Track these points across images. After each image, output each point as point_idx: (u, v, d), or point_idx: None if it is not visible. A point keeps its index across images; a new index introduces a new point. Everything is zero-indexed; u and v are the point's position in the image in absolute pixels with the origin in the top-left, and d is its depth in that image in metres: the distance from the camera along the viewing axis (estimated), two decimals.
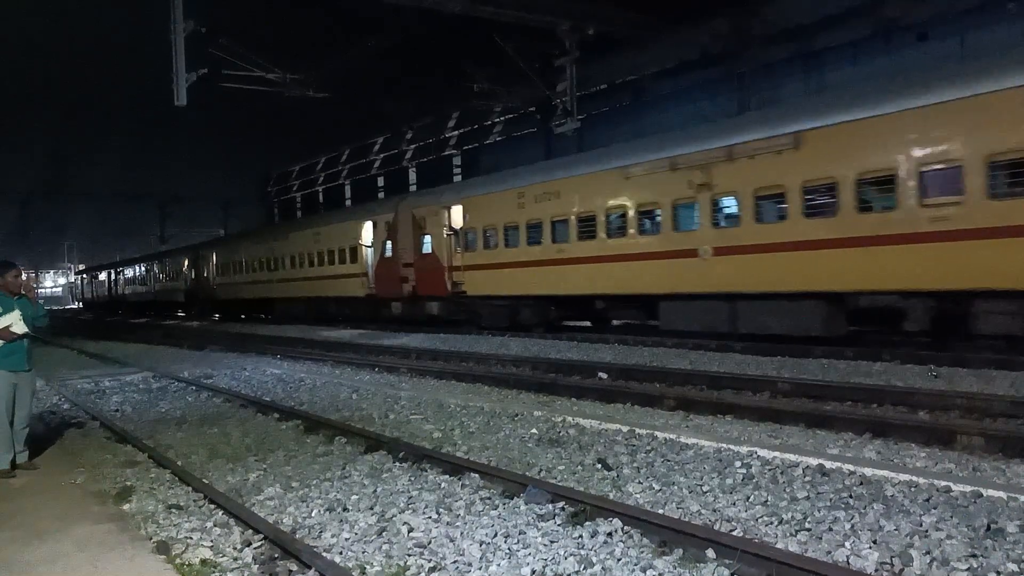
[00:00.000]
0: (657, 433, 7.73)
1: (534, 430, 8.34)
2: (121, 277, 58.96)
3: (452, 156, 38.70)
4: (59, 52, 28.89)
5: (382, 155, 43.98)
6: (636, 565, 4.48)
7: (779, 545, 4.68)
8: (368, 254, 26.72)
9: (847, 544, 4.62)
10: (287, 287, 32.93)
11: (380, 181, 44.82)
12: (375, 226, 26.13)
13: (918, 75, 13.78)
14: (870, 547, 4.54)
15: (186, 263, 44.71)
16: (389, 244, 25.11)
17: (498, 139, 35.70)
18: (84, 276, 75.22)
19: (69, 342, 25.68)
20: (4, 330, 7.21)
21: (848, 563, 4.38)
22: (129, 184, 51.65)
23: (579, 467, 6.78)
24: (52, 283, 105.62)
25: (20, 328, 7.33)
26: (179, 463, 7.47)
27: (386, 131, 41.34)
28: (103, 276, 65.25)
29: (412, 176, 41.79)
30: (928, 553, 4.39)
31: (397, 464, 7.16)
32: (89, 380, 14.51)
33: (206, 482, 6.69)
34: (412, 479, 6.59)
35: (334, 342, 20.93)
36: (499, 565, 4.58)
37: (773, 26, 23.08)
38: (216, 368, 15.90)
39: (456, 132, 37.83)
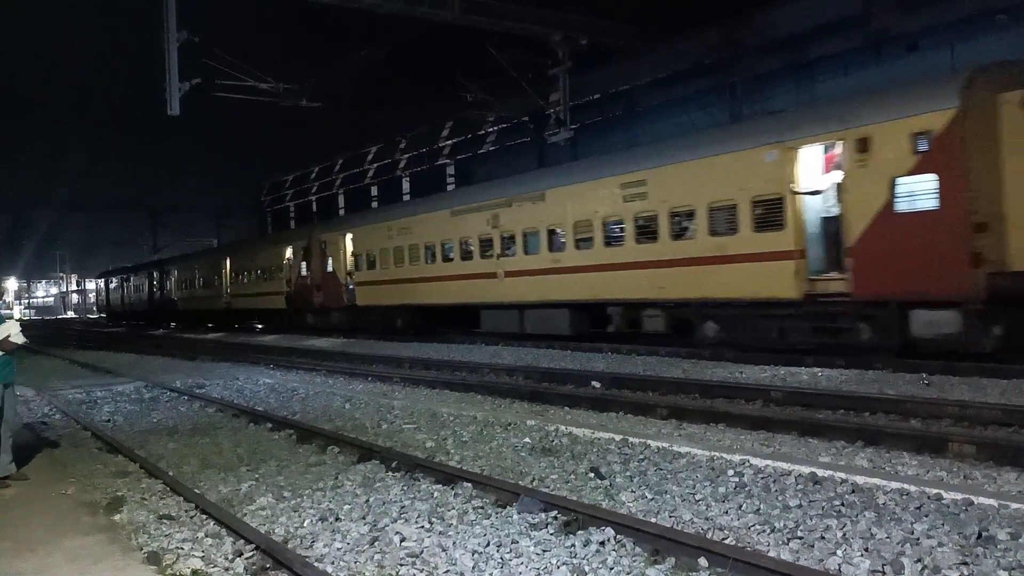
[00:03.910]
0: (650, 442, 7.73)
1: (527, 439, 8.34)
2: (170, 280, 46.07)
3: (446, 166, 38.77)
4: (52, 62, 28.89)
5: (376, 164, 44.03)
6: (629, 574, 4.49)
7: (771, 553, 4.69)
8: (810, 209, 13.60)
9: (839, 552, 4.63)
10: (522, 285, 19.45)
11: (374, 191, 44.87)
12: (865, 148, 12.35)
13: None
14: (862, 555, 4.56)
15: (289, 255, 31.46)
16: (934, 180, 11.66)
17: (492, 148, 35.79)
18: (110, 280, 60.97)
19: (61, 352, 25.58)
20: (5, 340, 7.16)
21: (840, 571, 4.39)
22: (121, 194, 51.52)
23: (572, 476, 6.78)
24: (44, 292, 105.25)
25: (19, 339, 7.29)
26: (171, 473, 7.45)
27: (380, 141, 41.40)
28: (138, 280, 52.41)
29: (406, 186, 41.85)
30: (919, 561, 4.41)
31: (390, 474, 7.15)
32: (80, 390, 14.45)
33: (198, 492, 6.67)
34: (405, 489, 6.58)
35: (323, 351, 20.81)
36: (491, 574, 4.58)
37: (765, 37, 23.24)
38: (208, 378, 15.84)
39: (450, 142, 37.91)
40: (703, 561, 4.51)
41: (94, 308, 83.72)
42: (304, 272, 29.83)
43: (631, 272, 16.35)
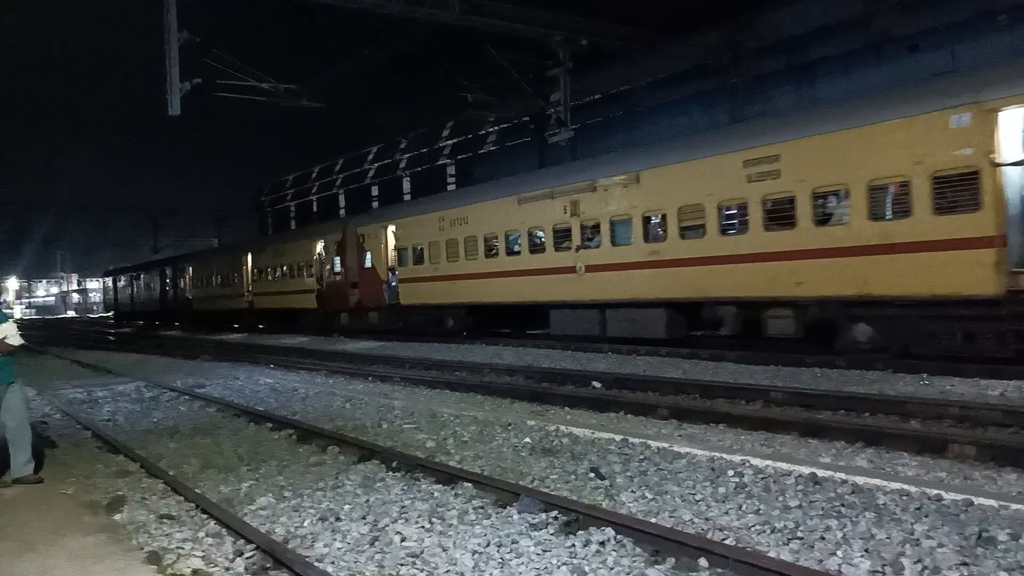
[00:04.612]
0: (650, 442, 7.74)
1: (527, 439, 8.34)
2: (185, 278, 42.74)
3: (447, 166, 38.81)
4: (52, 63, 28.91)
5: (376, 164, 44.09)
6: (629, 574, 4.49)
7: (771, 554, 4.69)
8: (1011, 185, 11.07)
9: (839, 553, 4.63)
10: (606, 281, 17.10)
11: (375, 191, 44.94)
12: None
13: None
14: (862, 556, 4.56)
15: (320, 250, 28.39)
16: None
17: (492, 148, 35.83)
18: (119, 278, 57.78)
19: (62, 352, 25.59)
20: (1, 342, 7.15)
21: (840, 572, 4.40)
22: (122, 194, 51.50)
23: (572, 476, 6.78)
24: (44, 292, 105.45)
25: (16, 340, 7.27)
26: (171, 473, 7.45)
27: (380, 141, 41.46)
28: (149, 278, 48.88)
29: (407, 186, 41.89)
30: (919, 562, 4.41)
31: (390, 474, 7.15)
32: (81, 390, 14.45)
33: (198, 492, 6.67)
34: (405, 488, 6.58)
35: (329, 352, 20.79)
36: (492, 574, 4.59)
37: (765, 38, 23.27)
38: (209, 378, 15.85)
39: (450, 142, 37.97)
40: (703, 561, 4.51)
41: (96, 308, 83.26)
42: (338, 268, 27.12)
43: (756, 265, 13.82)
